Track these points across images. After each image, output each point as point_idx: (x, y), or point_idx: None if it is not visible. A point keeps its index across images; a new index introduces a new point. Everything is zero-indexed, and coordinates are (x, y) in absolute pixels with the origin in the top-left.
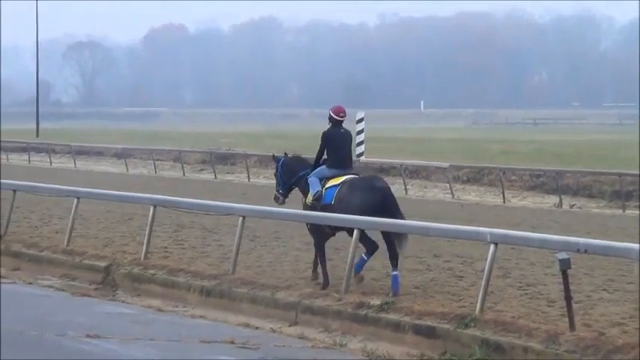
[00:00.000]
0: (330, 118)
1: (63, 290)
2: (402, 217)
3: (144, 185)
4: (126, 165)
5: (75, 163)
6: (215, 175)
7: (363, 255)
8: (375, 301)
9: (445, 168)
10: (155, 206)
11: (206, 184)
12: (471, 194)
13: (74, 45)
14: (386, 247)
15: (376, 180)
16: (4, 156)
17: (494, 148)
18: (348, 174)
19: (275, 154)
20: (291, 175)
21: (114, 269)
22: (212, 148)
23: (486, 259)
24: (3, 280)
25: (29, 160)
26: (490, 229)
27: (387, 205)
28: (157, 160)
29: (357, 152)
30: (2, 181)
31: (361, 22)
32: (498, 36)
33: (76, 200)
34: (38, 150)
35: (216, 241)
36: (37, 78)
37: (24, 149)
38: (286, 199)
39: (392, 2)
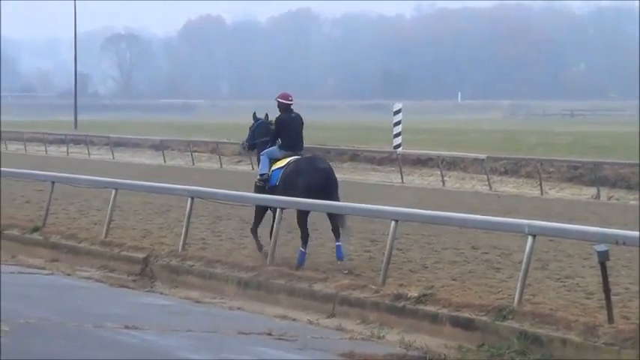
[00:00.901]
0: (280, 104)
1: (101, 281)
2: (337, 199)
3: (181, 177)
4: (163, 156)
5: (113, 155)
6: (252, 166)
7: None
8: (413, 293)
9: (483, 159)
10: (193, 198)
11: (243, 176)
12: (509, 186)
13: (112, 37)
14: (330, 223)
15: (318, 161)
16: (42, 148)
17: (531, 139)
18: (296, 155)
19: (255, 114)
20: (259, 137)
21: (152, 261)
22: (314, 144)
23: (524, 251)
24: (42, 272)
25: (67, 152)
26: (528, 221)
27: (327, 186)
28: (195, 151)
29: (395, 144)
30: (41, 172)
31: (398, 14)
32: (536, 27)
33: (114, 192)
34: (76, 142)
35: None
36: (75, 70)
37: (62, 141)
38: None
39: None
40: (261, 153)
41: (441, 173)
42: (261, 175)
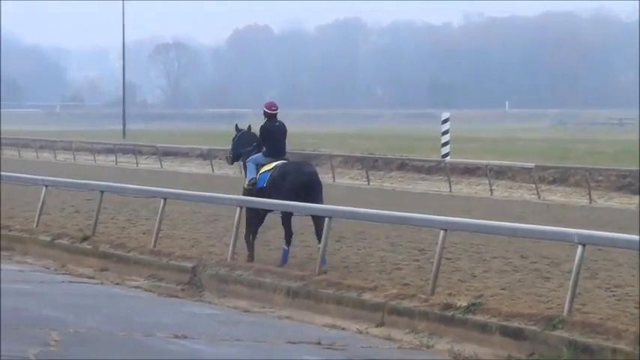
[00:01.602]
0: (265, 113)
1: (150, 291)
2: (321, 202)
3: (229, 186)
4: (212, 166)
5: (161, 164)
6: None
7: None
8: (462, 302)
9: (531, 168)
10: (241, 207)
11: None
12: (557, 195)
13: (160, 46)
14: (314, 228)
15: (304, 165)
16: (91, 157)
17: (579, 148)
18: (280, 160)
19: (238, 125)
20: (242, 147)
21: (200, 270)
22: (297, 149)
23: (573, 261)
24: (91, 281)
25: (116, 161)
26: (577, 230)
27: (311, 188)
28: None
29: (443, 152)
30: (90, 182)
31: (445, 23)
32: (584, 36)
33: (162, 201)
34: (125, 151)
35: (301, 242)
36: (123, 79)
37: (111, 150)
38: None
39: (476, 2)
40: (247, 160)
41: (489, 182)
42: (250, 180)
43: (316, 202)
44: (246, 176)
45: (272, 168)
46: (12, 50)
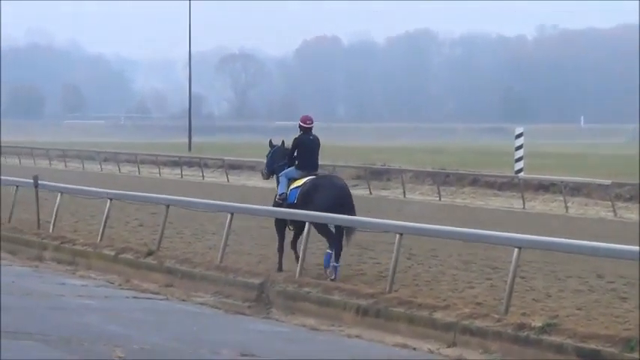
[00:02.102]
0: (300, 127)
1: (216, 307)
2: (354, 213)
3: None
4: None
5: (227, 178)
6: (370, 190)
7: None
8: (537, 323)
9: (607, 185)
10: (309, 223)
11: (360, 200)
12: (634, 212)
13: (227, 57)
14: (332, 240)
15: (334, 179)
16: (155, 169)
17: None
18: (313, 175)
19: (272, 140)
20: (276, 162)
21: (268, 286)
22: (366, 164)
23: None
24: (156, 297)
25: (181, 175)
26: None
27: (343, 202)
28: None
29: (517, 168)
30: (155, 195)
31: (519, 35)
32: None
33: (229, 216)
34: (190, 164)
35: (372, 259)
36: (189, 91)
37: (176, 163)
38: (268, 179)
39: (551, 14)
40: (280, 174)
41: (564, 199)
42: (281, 194)
43: (350, 214)
44: (278, 189)
45: (302, 184)
46: (76, 60)
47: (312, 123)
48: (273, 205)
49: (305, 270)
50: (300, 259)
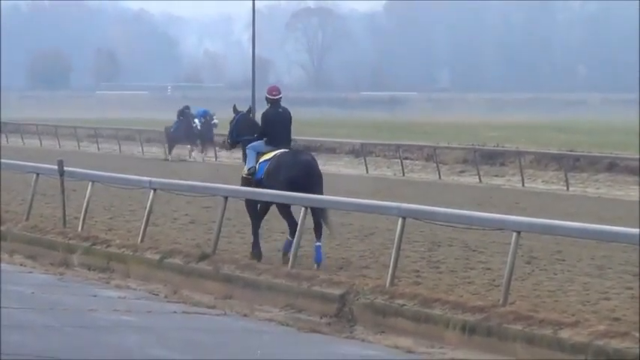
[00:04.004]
0: (267, 99)
1: (287, 325)
2: (320, 192)
3: (388, 191)
4: (365, 165)
5: None
6: (479, 178)
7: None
8: None
9: None
10: (404, 218)
11: (468, 190)
12: None
13: (300, 12)
14: (293, 227)
15: (301, 154)
16: (211, 153)
17: None
18: (282, 149)
19: (236, 106)
20: (240, 133)
21: (351, 298)
22: (476, 144)
23: None
24: (212, 311)
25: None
26: None
27: (310, 179)
28: (405, 158)
29: None
30: (210, 185)
31: None
32: None
33: (303, 210)
34: None
35: (481, 263)
36: (252, 55)
37: None
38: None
39: None
40: (247, 147)
41: None
42: (249, 168)
43: (315, 194)
44: (245, 164)
45: (271, 158)
46: (111, 18)
47: (279, 94)
48: (241, 183)
49: (397, 278)
50: (392, 262)
